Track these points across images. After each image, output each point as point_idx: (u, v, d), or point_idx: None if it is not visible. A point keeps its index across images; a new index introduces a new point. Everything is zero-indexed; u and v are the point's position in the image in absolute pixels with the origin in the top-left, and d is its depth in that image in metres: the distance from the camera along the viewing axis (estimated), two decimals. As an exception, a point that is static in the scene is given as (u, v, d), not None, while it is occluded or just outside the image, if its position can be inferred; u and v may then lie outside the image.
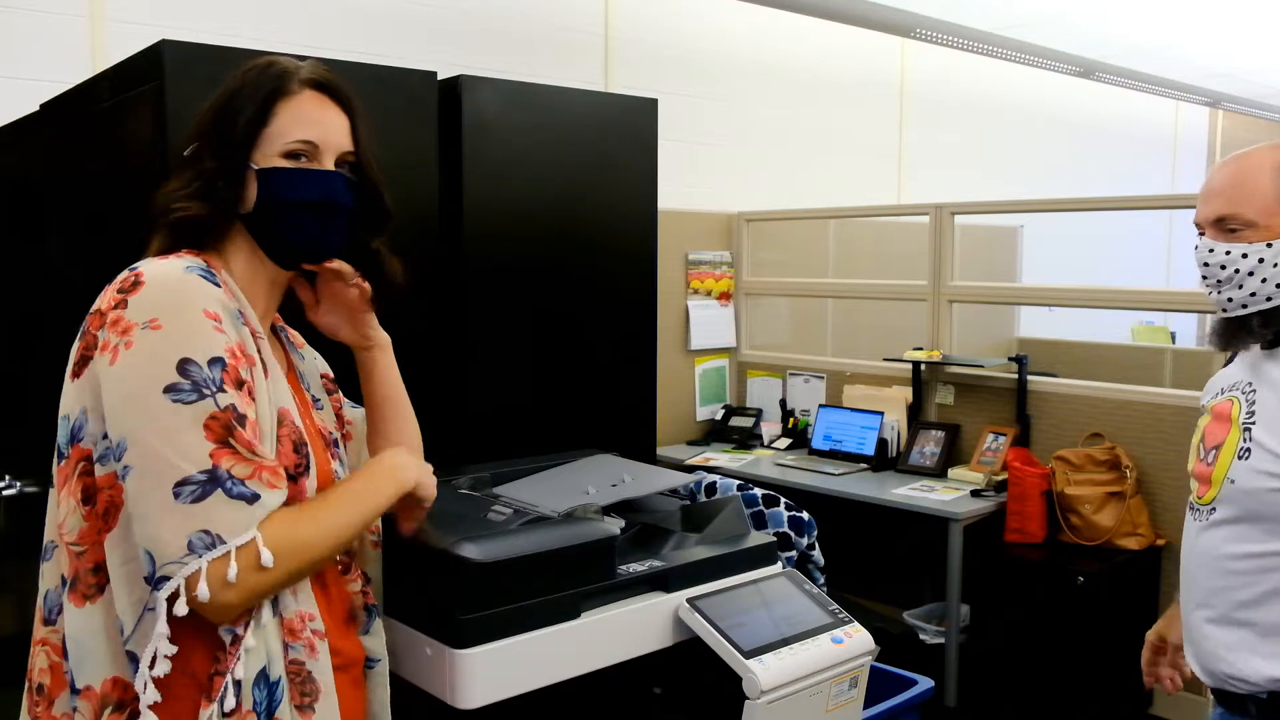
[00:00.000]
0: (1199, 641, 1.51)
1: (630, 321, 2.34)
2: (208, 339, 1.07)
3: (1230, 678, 1.47)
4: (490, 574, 1.34)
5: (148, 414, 1.04)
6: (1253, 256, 1.41)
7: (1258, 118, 8.39)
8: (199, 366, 1.06)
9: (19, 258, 2.50)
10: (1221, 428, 1.50)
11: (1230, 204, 1.43)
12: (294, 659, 1.13)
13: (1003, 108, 6.38)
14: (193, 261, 1.15)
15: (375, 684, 1.31)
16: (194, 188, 1.19)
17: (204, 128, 1.21)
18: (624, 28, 4.43)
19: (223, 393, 1.06)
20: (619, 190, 2.30)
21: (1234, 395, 1.50)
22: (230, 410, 1.06)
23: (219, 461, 1.04)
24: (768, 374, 4.39)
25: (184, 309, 1.08)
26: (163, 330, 1.06)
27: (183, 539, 1.02)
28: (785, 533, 2.37)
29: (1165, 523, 3.31)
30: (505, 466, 1.84)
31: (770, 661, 1.48)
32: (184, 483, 1.02)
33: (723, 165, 4.83)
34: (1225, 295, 1.45)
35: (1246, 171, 1.44)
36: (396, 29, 3.72)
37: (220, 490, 1.03)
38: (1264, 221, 1.42)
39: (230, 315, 1.12)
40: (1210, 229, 1.46)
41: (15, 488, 2.43)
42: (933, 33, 5.10)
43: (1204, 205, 1.48)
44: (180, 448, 1.03)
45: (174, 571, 1.02)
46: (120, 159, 1.89)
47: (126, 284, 1.10)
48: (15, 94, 2.67)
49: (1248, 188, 1.43)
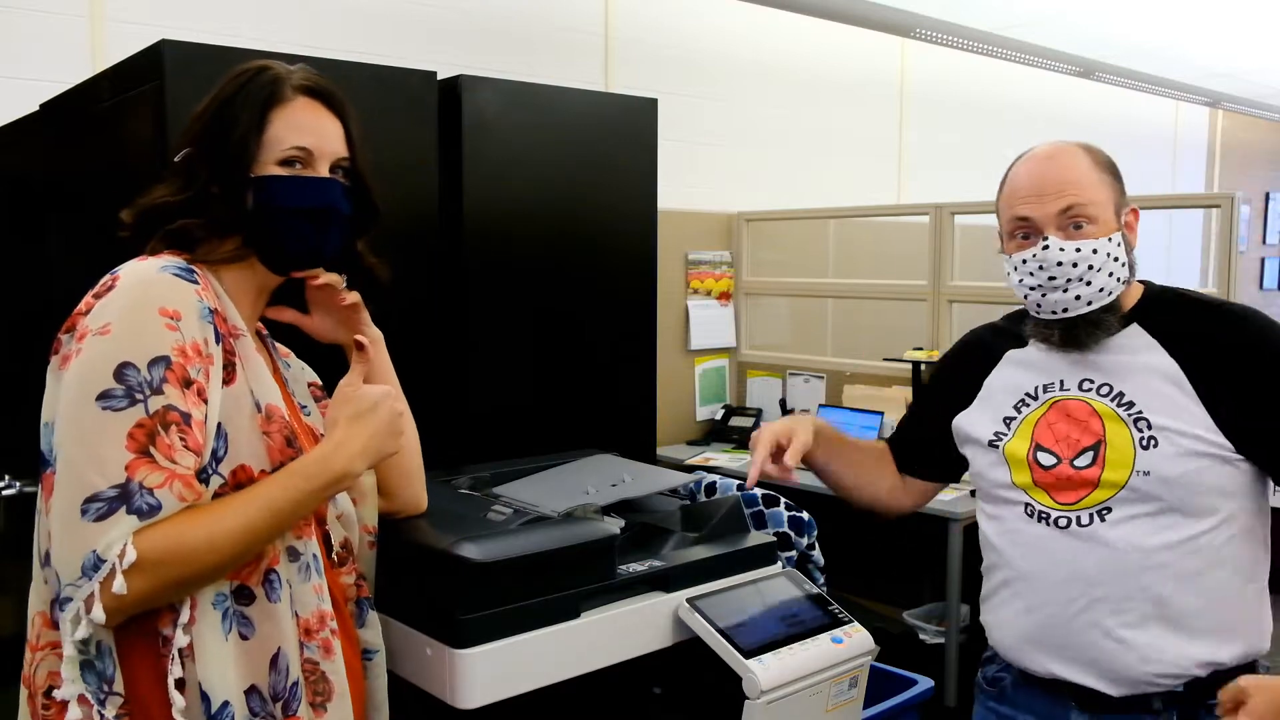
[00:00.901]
0: (1113, 653, 1.42)
1: (630, 321, 2.34)
2: (154, 338, 1.06)
3: (1157, 676, 1.41)
4: (490, 574, 1.34)
5: (76, 424, 1.04)
6: (1101, 251, 1.40)
7: (1258, 118, 8.40)
8: (136, 370, 1.04)
9: (19, 258, 2.50)
10: (1079, 428, 1.46)
11: (1076, 193, 1.41)
12: (309, 658, 1.14)
13: (1003, 108, 6.37)
14: (171, 261, 1.14)
15: (374, 674, 1.31)
16: (187, 196, 1.18)
17: (196, 135, 1.21)
18: (624, 28, 4.43)
19: (158, 394, 1.04)
20: (619, 190, 2.30)
21: (1078, 396, 1.47)
22: (161, 413, 1.04)
23: (134, 474, 1.02)
24: (768, 374, 4.39)
25: (137, 309, 1.07)
26: (110, 334, 1.06)
27: (78, 559, 1.01)
28: (785, 533, 2.36)
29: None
30: (505, 466, 1.84)
31: (770, 661, 1.48)
32: (93, 499, 1.01)
33: (723, 165, 4.83)
34: (1072, 294, 1.42)
35: (1069, 168, 1.43)
36: (396, 29, 3.72)
37: (124, 507, 1.01)
38: (1102, 213, 1.42)
39: (197, 312, 1.10)
40: (1054, 228, 1.42)
41: (15, 488, 2.43)
42: (933, 33, 5.10)
43: (1043, 202, 1.42)
44: (98, 460, 1.02)
45: (74, 594, 1.02)
46: (120, 159, 1.89)
47: (102, 288, 1.11)
48: (15, 94, 2.67)
49: (1080, 184, 1.42)
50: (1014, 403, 1.54)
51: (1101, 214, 1.42)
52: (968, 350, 1.69)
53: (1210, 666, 1.41)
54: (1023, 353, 1.57)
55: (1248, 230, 8.86)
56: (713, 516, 1.69)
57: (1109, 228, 1.43)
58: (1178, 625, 1.41)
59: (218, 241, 1.20)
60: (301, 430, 1.23)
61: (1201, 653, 1.41)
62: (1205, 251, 8.18)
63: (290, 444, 1.16)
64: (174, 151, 1.23)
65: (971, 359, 1.64)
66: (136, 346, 1.05)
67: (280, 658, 1.11)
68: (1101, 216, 1.42)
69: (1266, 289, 9.19)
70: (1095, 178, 1.44)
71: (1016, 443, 1.52)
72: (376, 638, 1.33)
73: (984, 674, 1.66)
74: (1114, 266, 1.42)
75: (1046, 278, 1.42)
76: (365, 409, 1.18)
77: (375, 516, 1.37)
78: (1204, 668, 1.41)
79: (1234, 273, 2.89)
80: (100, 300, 1.09)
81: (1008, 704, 1.58)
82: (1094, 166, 1.45)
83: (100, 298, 1.10)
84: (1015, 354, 1.58)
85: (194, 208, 1.18)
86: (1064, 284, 1.42)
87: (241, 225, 1.19)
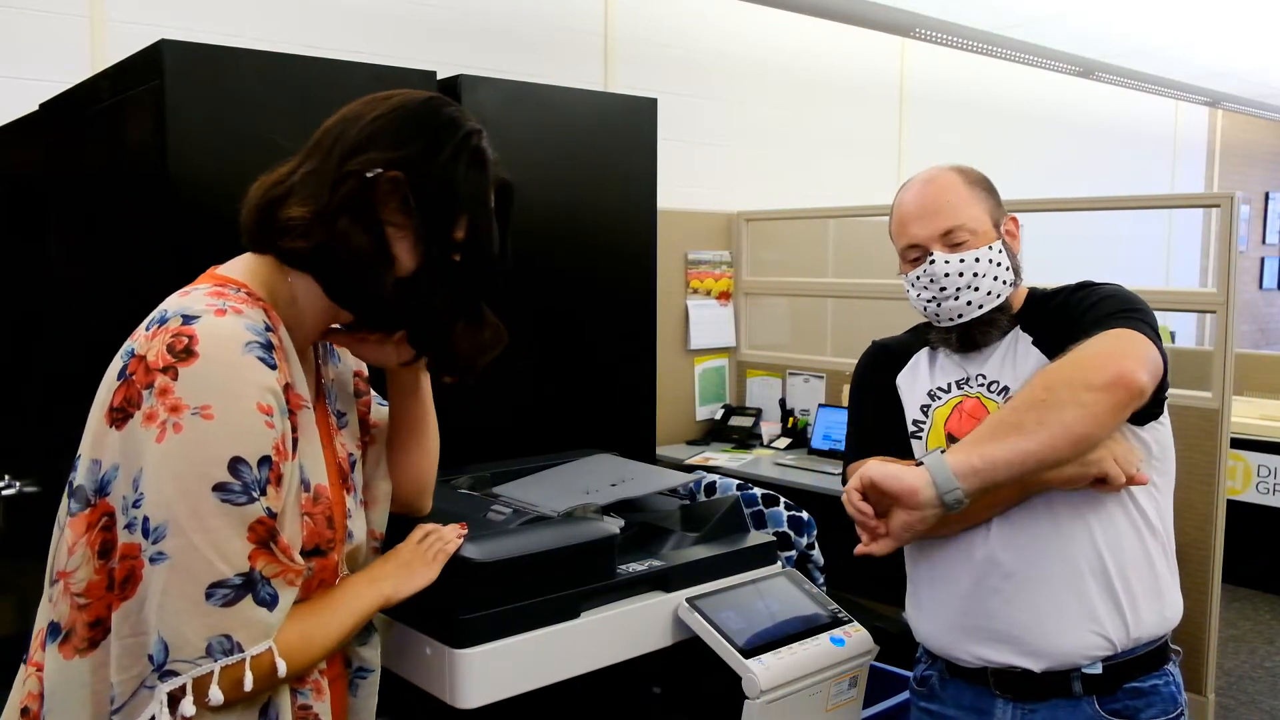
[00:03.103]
0: (1058, 637, 1.46)
1: (630, 321, 2.34)
2: (259, 437, 1.03)
3: (1073, 654, 1.46)
4: (490, 574, 1.34)
5: (194, 510, 1.00)
6: (984, 259, 1.54)
7: (1258, 118, 8.40)
8: (249, 467, 1.02)
9: (19, 258, 2.50)
10: (975, 423, 1.51)
11: (954, 218, 1.55)
12: (302, 704, 1.14)
13: (1003, 108, 6.38)
14: (249, 324, 1.06)
15: (365, 694, 1.30)
16: (421, 266, 1.14)
17: (399, 169, 1.13)
18: (624, 28, 4.43)
19: (265, 497, 1.03)
20: (619, 190, 2.30)
21: (975, 393, 1.57)
22: (271, 518, 1.04)
23: (255, 564, 1.02)
24: (767, 374, 4.38)
25: (238, 400, 1.02)
26: (215, 421, 1.01)
27: (203, 640, 1.01)
28: (785, 532, 2.37)
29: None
30: (505, 466, 1.84)
31: (770, 661, 1.49)
32: (219, 585, 1.01)
33: (723, 165, 4.83)
34: (964, 300, 1.54)
35: (945, 190, 1.58)
36: (396, 29, 3.72)
37: (250, 595, 1.02)
38: (981, 228, 1.55)
39: (279, 403, 1.07)
40: (939, 246, 1.55)
41: (15, 488, 2.43)
42: (933, 33, 5.10)
43: (926, 224, 1.56)
44: (222, 550, 1.01)
45: (184, 670, 1.01)
46: (120, 159, 1.89)
47: (179, 346, 1.02)
48: (15, 94, 2.67)
49: (956, 204, 1.56)
50: (922, 403, 1.63)
51: (980, 227, 1.55)
52: (877, 355, 1.77)
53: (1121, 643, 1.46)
54: (927, 356, 1.67)
55: (1248, 230, 8.86)
56: (712, 516, 1.69)
57: (988, 238, 1.56)
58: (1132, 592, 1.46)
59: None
60: (337, 503, 1.20)
61: (1112, 629, 1.45)
62: (1205, 251, 8.19)
63: (330, 524, 1.16)
64: (364, 165, 1.12)
65: (882, 363, 1.73)
66: (246, 442, 1.02)
67: (270, 708, 1.10)
68: (980, 229, 1.55)
69: (1266, 289, 9.20)
70: (968, 195, 1.58)
71: (931, 437, 1.59)
72: (375, 658, 1.31)
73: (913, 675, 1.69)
74: (998, 271, 1.55)
75: (939, 289, 1.55)
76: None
77: (385, 523, 1.36)
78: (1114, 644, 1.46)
79: (1234, 273, 2.89)
80: (184, 367, 1.01)
81: (936, 701, 1.62)
82: (966, 185, 1.59)
83: (179, 362, 1.02)
84: (920, 356, 1.68)
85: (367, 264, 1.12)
86: (954, 292, 1.54)
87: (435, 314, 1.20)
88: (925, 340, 1.68)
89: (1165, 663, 1.50)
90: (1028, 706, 1.49)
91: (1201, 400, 2.91)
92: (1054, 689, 1.47)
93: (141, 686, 1.03)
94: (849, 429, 1.74)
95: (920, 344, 1.69)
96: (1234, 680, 3.78)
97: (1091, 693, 1.46)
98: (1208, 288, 3.86)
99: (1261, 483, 4.61)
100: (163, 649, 1.00)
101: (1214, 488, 2.79)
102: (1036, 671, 1.47)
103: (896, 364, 1.69)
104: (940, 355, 1.65)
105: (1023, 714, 1.49)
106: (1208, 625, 2.80)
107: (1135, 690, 1.47)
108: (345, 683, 1.28)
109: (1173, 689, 1.50)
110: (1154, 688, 1.48)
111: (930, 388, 1.63)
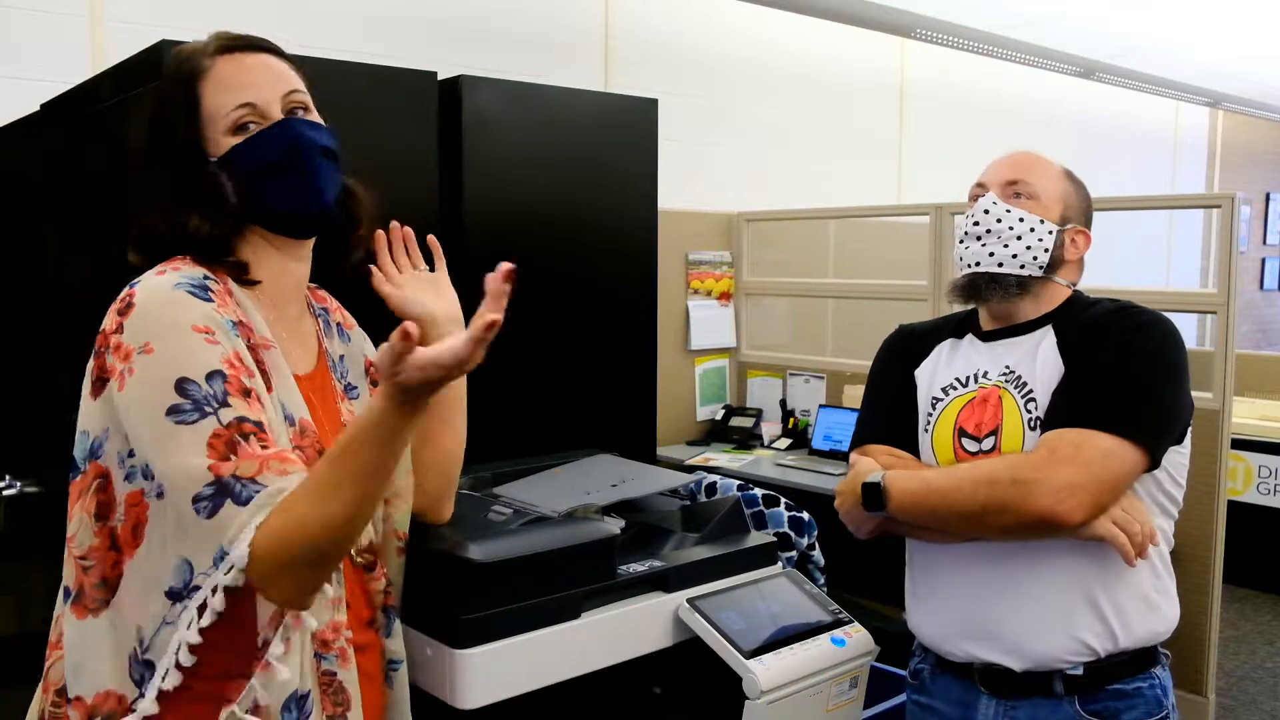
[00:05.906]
0: (1042, 642, 1.46)
1: (630, 321, 2.34)
2: (201, 353, 1.06)
3: (1061, 655, 1.46)
4: (491, 574, 1.34)
5: (156, 441, 1.03)
6: (1029, 222, 1.53)
7: (1258, 118, 8.39)
8: (196, 385, 1.04)
9: (19, 258, 2.50)
10: (990, 413, 1.52)
11: (1028, 173, 1.56)
12: (326, 669, 1.14)
13: (1003, 108, 6.37)
14: (184, 275, 1.12)
15: (398, 685, 1.30)
16: (178, 209, 1.16)
17: (149, 152, 1.20)
18: (624, 28, 4.43)
19: (226, 407, 1.04)
20: (619, 190, 2.30)
21: (995, 384, 1.54)
22: (235, 424, 1.04)
23: (221, 473, 1.02)
24: (768, 374, 4.38)
25: (172, 328, 1.07)
26: (154, 354, 1.05)
27: (208, 557, 1.02)
28: (785, 533, 2.37)
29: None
30: (505, 466, 1.84)
31: (770, 661, 1.49)
32: (196, 500, 1.01)
33: (723, 165, 4.83)
34: (987, 250, 1.53)
35: (1035, 159, 1.60)
36: (396, 29, 3.72)
37: (230, 500, 1.01)
38: (1047, 200, 1.55)
39: (223, 326, 1.09)
40: (998, 190, 1.56)
41: (15, 488, 2.43)
42: (933, 33, 5.10)
43: (1001, 171, 1.58)
44: (187, 468, 1.02)
45: (202, 582, 1.02)
46: (120, 159, 1.89)
47: (122, 305, 1.10)
48: (15, 94, 2.67)
49: (1036, 170, 1.57)
50: (934, 396, 1.60)
51: (1045, 199, 1.55)
52: (899, 341, 1.75)
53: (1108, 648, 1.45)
54: (950, 346, 1.65)
55: (1248, 230, 8.86)
56: (713, 517, 1.69)
57: (1048, 214, 1.54)
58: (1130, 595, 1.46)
59: (228, 235, 1.18)
60: (333, 434, 1.20)
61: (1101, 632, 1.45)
62: (1205, 252, 8.18)
63: (322, 456, 1.16)
64: (139, 186, 1.22)
65: (903, 351, 1.71)
66: (188, 361, 1.05)
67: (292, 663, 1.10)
68: (1044, 200, 1.55)
69: (1267, 289, 9.19)
70: (1053, 172, 1.59)
71: (941, 427, 1.57)
72: (401, 648, 1.31)
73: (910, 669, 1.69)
74: (1035, 247, 1.53)
75: (973, 224, 1.56)
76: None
77: (407, 521, 1.35)
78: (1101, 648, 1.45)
79: (1234, 273, 2.89)
80: (126, 319, 1.08)
81: (926, 694, 1.61)
82: (1057, 167, 1.60)
83: (123, 316, 1.09)
84: (944, 347, 1.66)
85: (190, 213, 1.16)
86: (983, 236, 1.54)
87: (236, 213, 1.17)
88: (951, 328, 1.67)
89: (1152, 666, 1.50)
90: (1010, 704, 1.49)
91: (1202, 401, 2.91)
92: (1035, 688, 1.47)
93: (163, 624, 1.06)
94: (862, 409, 1.73)
95: (946, 332, 1.67)
96: (1234, 681, 3.78)
97: (1073, 693, 1.46)
98: (1208, 288, 3.86)
99: (1262, 483, 4.61)
100: (188, 570, 1.04)
101: (1215, 488, 2.79)
102: (1017, 670, 1.47)
103: (918, 354, 1.67)
104: (964, 344, 1.63)
105: (1005, 710, 1.50)
106: (1208, 626, 2.80)
107: (1118, 692, 1.46)
108: (381, 678, 1.28)
109: (1158, 692, 1.49)
110: (1137, 690, 1.47)
111: (947, 381, 1.60)
